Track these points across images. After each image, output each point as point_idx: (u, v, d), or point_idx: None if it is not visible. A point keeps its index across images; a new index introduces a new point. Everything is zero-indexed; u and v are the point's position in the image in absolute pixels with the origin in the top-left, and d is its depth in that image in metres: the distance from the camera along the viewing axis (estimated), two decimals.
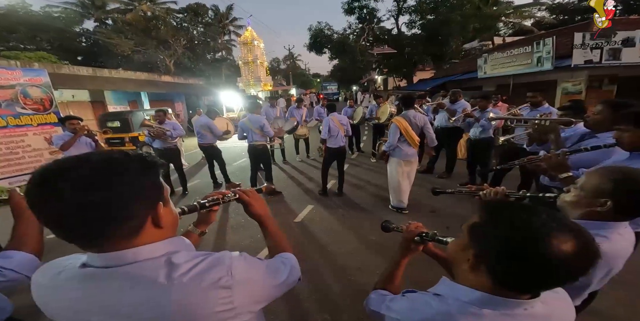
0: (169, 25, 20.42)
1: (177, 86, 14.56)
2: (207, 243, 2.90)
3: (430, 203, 3.50)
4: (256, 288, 0.53)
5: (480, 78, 8.64)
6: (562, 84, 6.28)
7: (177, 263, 0.47)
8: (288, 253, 0.73)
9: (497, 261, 0.49)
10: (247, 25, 23.59)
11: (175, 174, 4.44)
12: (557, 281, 0.48)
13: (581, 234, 0.47)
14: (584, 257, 0.46)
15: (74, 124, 3.11)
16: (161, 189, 0.51)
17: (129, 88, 11.39)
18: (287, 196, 4.17)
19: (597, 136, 1.64)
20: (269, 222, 0.81)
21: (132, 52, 18.52)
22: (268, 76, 24.87)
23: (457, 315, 0.51)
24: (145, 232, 0.48)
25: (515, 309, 0.50)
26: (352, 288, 2.12)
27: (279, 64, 49.03)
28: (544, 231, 0.46)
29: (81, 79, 9.84)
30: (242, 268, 0.50)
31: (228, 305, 0.47)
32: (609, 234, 0.80)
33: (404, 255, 0.84)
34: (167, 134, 3.98)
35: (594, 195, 0.81)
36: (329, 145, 3.84)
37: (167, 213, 0.52)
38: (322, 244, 2.78)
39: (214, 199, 0.78)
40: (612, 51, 5.44)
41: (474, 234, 0.54)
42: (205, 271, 0.47)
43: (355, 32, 20.99)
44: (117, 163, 0.45)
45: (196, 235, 0.83)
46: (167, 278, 0.45)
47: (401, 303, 0.63)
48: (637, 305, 1.79)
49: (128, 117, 7.49)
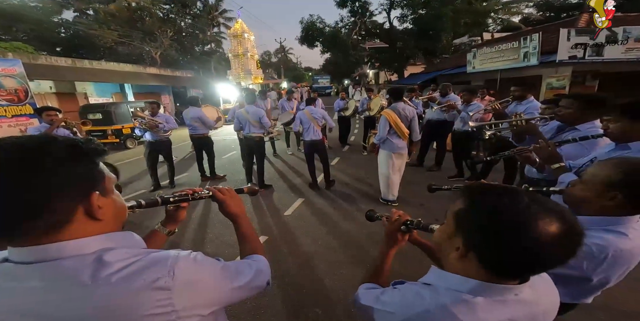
0: (155, 17, 19.60)
1: (164, 78, 14.17)
2: (188, 240, 2.87)
3: (420, 195, 3.56)
4: (205, 291, 0.49)
5: (470, 73, 8.76)
6: (547, 79, 6.44)
7: (108, 262, 0.43)
8: (259, 256, 0.70)
9: (486, 247, 0.48)
10: (238, 17, 22.97)
11: (162, 166, 4.35)
12: (546, 264, 0.48)
13: (565, 215, 0.46)
14: (570, 238, 0.46)
15: (51, 116, 2.98)
16: (96, 178, 0.47)
17: (112, 80, 11.03)
18: (278, 189, 4.16)
19: (578, 128, 1.67)
20: (243, 222, 0.78)
21: (115, 44, 17.74)
22: (259, 69, 24.43)
23: (450, 306, 0.50)
24: (76, 225, 0.44)
25: (506, 295, 0.50)
26: (343, 282, 2.11)
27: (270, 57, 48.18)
28: (530, 214, 0.45)
29: (60, 70, 9.41)
30: (187, 269, 0.47)
31: (167, 308, 0.43)
32: (626, 230, 0.77)
33: (391, 246, 0.81)
34: (159, 127, 3.88)
35: (602, 188, 0.77)
36: (303, 138, 3.91)
37: (107, 204, 0.48)
38: (313, 237, 2.78)
39: (181, 195, 0.74)
40: (595, 48, 5.60)
41: (459, 221, 0.53)
42: (139, 271, 0.43)
43: (347, 26, 20.81)
44: (32, 149, 0.41)
45: (163, 234, 0.78)
46: (91, 277, 0.41)
47: (393, 295, 0.61)
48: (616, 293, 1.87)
49: (111, 110, 7.24)
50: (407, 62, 20.00)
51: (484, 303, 0.49)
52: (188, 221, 3.22)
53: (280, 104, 5.98)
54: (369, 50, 20.71)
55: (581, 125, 1.66)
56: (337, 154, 5.98)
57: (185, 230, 3.02)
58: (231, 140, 7.27)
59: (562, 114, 1.73)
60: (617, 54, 5.52)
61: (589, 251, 0.76)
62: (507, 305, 0.50)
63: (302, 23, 21.05)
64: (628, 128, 1.17)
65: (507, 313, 0.50)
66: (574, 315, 1.63)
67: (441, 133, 4.60)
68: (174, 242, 2.71)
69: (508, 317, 0.50)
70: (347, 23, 20.73)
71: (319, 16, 20.93)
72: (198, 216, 3.31)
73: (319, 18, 20.93)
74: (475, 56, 8.34)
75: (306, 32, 21.06)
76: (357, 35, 20.76)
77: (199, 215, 3.33)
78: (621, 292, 1.81)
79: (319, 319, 1.79)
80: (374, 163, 3.68)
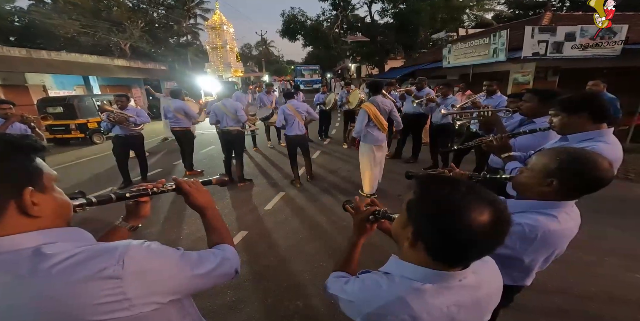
0: (124, 7, 18.21)
1: (134, 70, 13.41)
2: (163, 236, 2.81)
3: (398, 187, 3.70)
4: (160, 278, 0.49)
5: (445, 67, 9.05)
6: (513, 74, 6.82)
7: (48, 254, 0.43)
8: (226, 245, 0.71)
9: (428, 235, 0.51)
10: (216, 9, 21.96)
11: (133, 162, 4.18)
12: (480, 250, 0.51)
13: (496, 204, 0.50)
14: (499, 226, 0.49)
15: (4, 109, 2.74)
16: (29, 174, 0.46)
17: (73, 72, 10.31)
18: (258, 183, 4.14)
19: (535, 121, 1.83)
20: (210, 213, 0.78)
21: (78, 34, 16.32)
22: (239, 62, 23.70)
23: (405, 296, 0.52)
24: (7, 220, 0.44)
25: (451, 281, 0.54)
26: (323, 274, 2.10)
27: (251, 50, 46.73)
28: (464, 203, 0.48)
29: (13, 61, 8.58)
30: (139, 258, 0.47)
31: (118, 296, 0.44)
32: (557, 213, 0.83)
33: (360, 235, 0.83)
34: (130, 121, 3.70)
35: (541, 175, 0.84)
36: (286, 133, 3.84)
37: (45, 200, 0.47)
38: (293, 231, 2.81)
39: (139, 190, 0.72)
40: (555, 44, 6.00)
41: (410, 211, 0.55)
42: (84, 261, 0.44)
43: (329, 19, 20.63)
44: None
45: (125, 229, 0.77)
46: (30, 270, 0.41)
47: (354, 284, 0.63)
48: (569, 277, 1.97)
49: (73, 103, 6.78)
50: (388, 57, 20.26)
51: (431, 290, 0.53)
52: (164, 216, 3.15)
53: (259, 97, 5.88)
54: (350, 44, 20.73)
55: (538, 118, 1.81)
56: (318, 148, 6.02)
57: (161, 226, 2.95)
58: (211, 135, 7.06)
59: (523, 108, 1.89)
60: (575, 51, 5.95)
61: (521, 231, 0.82)
62: (453, 290, 0.54)
63: (283, 16, 20.59)
64: (566, 121, 1.29)
65: (453, 298, 0.54)
66: (531, 300, 1.80)
67: (417, 126, 4.78)
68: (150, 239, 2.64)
69: (453, 302, 0.54)
70: (328, 16, 20.55)
71: (300, 9, 20.58)
72: (174, 212, 3.24)
73: (300, 11, 20.56)
74: (450, 51, 8.62)
75: (287, 25, 20.64)
76: (339, 29, 20.66)
77: (175, 211, 3.26)
78: (575, 276, 2.00)
79: (299, 312, 1.81)
80: (354, 156, 3.76)
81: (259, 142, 6.20)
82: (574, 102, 1.27)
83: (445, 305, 0.53)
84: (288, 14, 20.44)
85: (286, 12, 20.44)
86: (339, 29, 20.58)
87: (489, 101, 3.50)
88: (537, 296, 1.82)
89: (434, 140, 4.40)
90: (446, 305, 0.53)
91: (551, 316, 1.72)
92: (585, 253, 2.19)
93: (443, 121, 4.05)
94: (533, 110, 1.83)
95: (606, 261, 2.18)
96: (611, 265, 2.14)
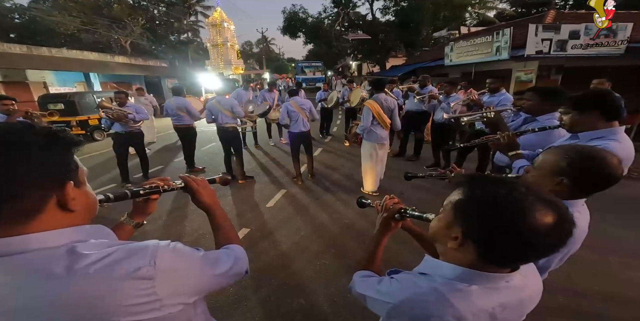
0: (124, 4, 18.14)
1: (135, 67, 13.39)
2: (165, 233, 2.81)
3: (399, 184, 3.69)
4: (187, 279, 0.50)
5: (447, 66, 9.01)
6: (516, 73, 6.79)
7: (83, 253, 0.43)
8: (235, 245, 0.71)
9: (484, 237, 0.50)
10: (217, 6, 21.85)
11: (134, 159, 4.17)
12: (540, 253, 0.50)
13: (557, 205, 0.48)
14: (563, 227, 0.47)
15: (7, 105, 2.73)
16: (70, 168, 0.46)
17: (74, 69, 10.32)
18: (259, 181, 4.13)
19: (538, 119, 1.83)
20: (217, 212, 0.77)
21: (78, 31, 16.27)
22: (239, 60, 23.63)
23: (450, 298, 0.51)
24: (46, 216, 0.43)
25: (498, 282, 0.53)
26: (325, 272, 2.14)
27: (252, 47, 46.55)
28: (526, 204, 0.47)
29: (14, 58, 8.56)
30: (168, 258, 0.47)
31: (151, 297, 0.44)
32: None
33: (384, 233, 0.82)
34: (128, 117, 3.69)
35: (551, 174, 0.82)
36: (290, 130, 3.82)
37: (80, 195, 0.48)
38: (295, 228, 2.80)
39: (151, 187, 0.72)
40: (559, 43, 5.96)
41: (459, 211, 0.54)
42: (119, 261, 0.43)
43: (330, 17, 20.53)
44: (12, 135, 0.41)
45: (130, 226, 0.76)
46: (66, 269, 0.41)
47: (390, 285, 0.62)
48: (572, 276, 1.98)
49: (74, 100, 6.77)
50: (389, 55, 20.17)
51: (477, 291, 0.52)
52: (166, 213, 3.15)
53: (261, 95, 5.86)
54: (351, 42, 20.61)
55: (541, 116, 1.81)
56: (319, 146, 6.01)
57: (163, 223, 2.95)
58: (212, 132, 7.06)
59: (525, 106, 1.89)
60: (579, 50, 5.91)
61: None
62: (499, 291, 0.53)
63: (284, 13, 20.49)
64: (577, 119, 1.27)
65: (499, 299, 0.53)
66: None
67: (419, 124, 4.76)
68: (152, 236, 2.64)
69: (499, 303, 0.53)
70: (330, 14, 20.46)
71: (301, 6, 20.51)
72: (176, 209, 3.23)
73: (301, 8, 20.47)
74: (453, 49, 8.57)
75: (289, 23, 20.56)
76: (340, 27, 20.55)
77: (177, 208, 3.25)
78: (578, 275, 2.00)
79: (302, 309, 1.81)
80: (356, 153, 3.75)
81: (260, 139, 6.19)
82: (586, 99, 1.26)
83: (491, 305, 0.52)
84: (289, 11, 20.36)
85: (287, 9, 20.37)
86: (340, 27, 20.47)
87: (493, 99, 3.48)
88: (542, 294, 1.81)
89: (435, 138, 4.39)
90: (492, 305, 0.52)
91: (554, 314, 1.71)
92: (588, 252, 2.18)
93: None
94: (535, 108, 1.83)
95: (609, 260, 2.18)
96: (614, 264, 2.14)
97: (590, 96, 1.26)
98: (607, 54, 5.76)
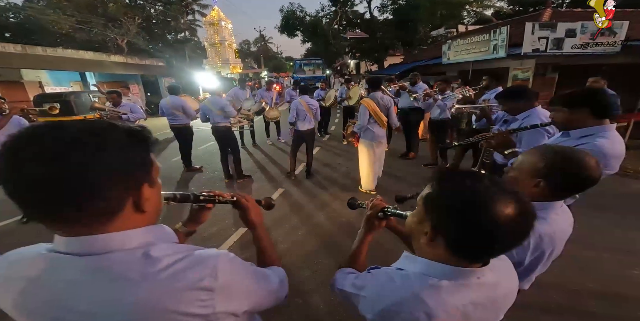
0: (120, 2, 17.96)
1: (132, 67, 13.29)
2: None
3: (398, 183, 3.70)
4: (241, 292, 0.49)
5: (445, 64, 9.01)
6: (513, 71, 6.80)
7: (156, 257, 0.42)
8: (278, 268, 0.70)
9: (450, 229, 0.50)
10: (214, 5, 21.73)
11: None
12: (505, 244, 0.49)
13: (520, 196, 0.49)
14: (524, 218, 0.48)
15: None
16: (150, 168, 0.45)
17: (69, 68, 10.24)
18: (257, 179, 4.12)
19: (517, 118, 1.92)
20: (262, 233, 0.77)
21: (73, 30, 16.10)
22: (237, 58, 23.55)
23: (420, 292, 0.51)
24: (123, 216, 0.43)
25: (469, 278, 0.52)
26: (322, 271, 2.14)
27: (250, 46, 46.38)
28: (488, 195, 0.47)
29: (9, 57, 8.48)
30: (228, 270, 0.46)
31: (208, 309, 0.43)
32: (546, 215, 0.80)
33: (369, 232, 0.83)
34: (123, 118, 3.67)
35: (529, 176, 0.81)
36: (297, 128, 3.84)
37: (153, 195, 0.46)
38: (292, 227, 2.80)
39: (209, 196, 0.72)
40: (556, 41, 5.96)
41: (427, 206, 0.54)
42: (186, 270, 0.43)
43: (328, 15, 20.47)
44: (92, 133, 0.40)
45: (182, 235, 0.76)
46: (140, 273, 0.41)
47: (366, 280, 0.62)
48: (567, 273, 1.96)
49: (70, 99, 6.71)
50: (387, 53, 20.15)
51: (448, 286, 0.51)
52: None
53: (259, 93, 5.84)
54: (349, 41, 20.58)
55: (520, 115, 1.89)
56: (317, 144, 5.99)
57: None
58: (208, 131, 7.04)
59: (503, 107, 2.04)
60: (575, 48, 5.92)
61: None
62: (470, 288, 0.52)
63: (282, 11, 20.41)
64: (567, 117, 1.28)
65: (470, 296, 0.52)
66: (528, 296, 1.80)
67: (413, 120, 4.76)
68: None
69: (470, 300, 0.52)
70: (328, 12, 20.41)
71: (299, 5, 20.44)
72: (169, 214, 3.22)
73: (299, 7, 20.40)
74: (450, 47, 8.57)
75: (286, 21, 20.48)
76: (338, 25, 20.50)
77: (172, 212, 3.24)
78: (573, 272, 2.01)
79: (299, 309, 1.80)
80: (354, 152, 3.75)
81: (258, 138, 6.17)
82: (576, 97, 1.26)
83: (462, 302, 0.52)
84: (287, 10, 20.28)
85: (285, 7, 20.28)
86: (338, 25, 20.42)
87: (486, 95, 3.52)
88: (535, 291, 1.79)
89: (432, 136, 4.39)
90: (462, 303, 0.52)
91: (549, 312, 1.72)
92: (583, 249, 2.19)
93: (441, 116, 4.04)
94: (511, 108, 1.95)
95: (604, 257, 2.19)
96: (609, 261, 2.15)
97: (580, 93, 1.26)
98: (604, 52, 5.78)
